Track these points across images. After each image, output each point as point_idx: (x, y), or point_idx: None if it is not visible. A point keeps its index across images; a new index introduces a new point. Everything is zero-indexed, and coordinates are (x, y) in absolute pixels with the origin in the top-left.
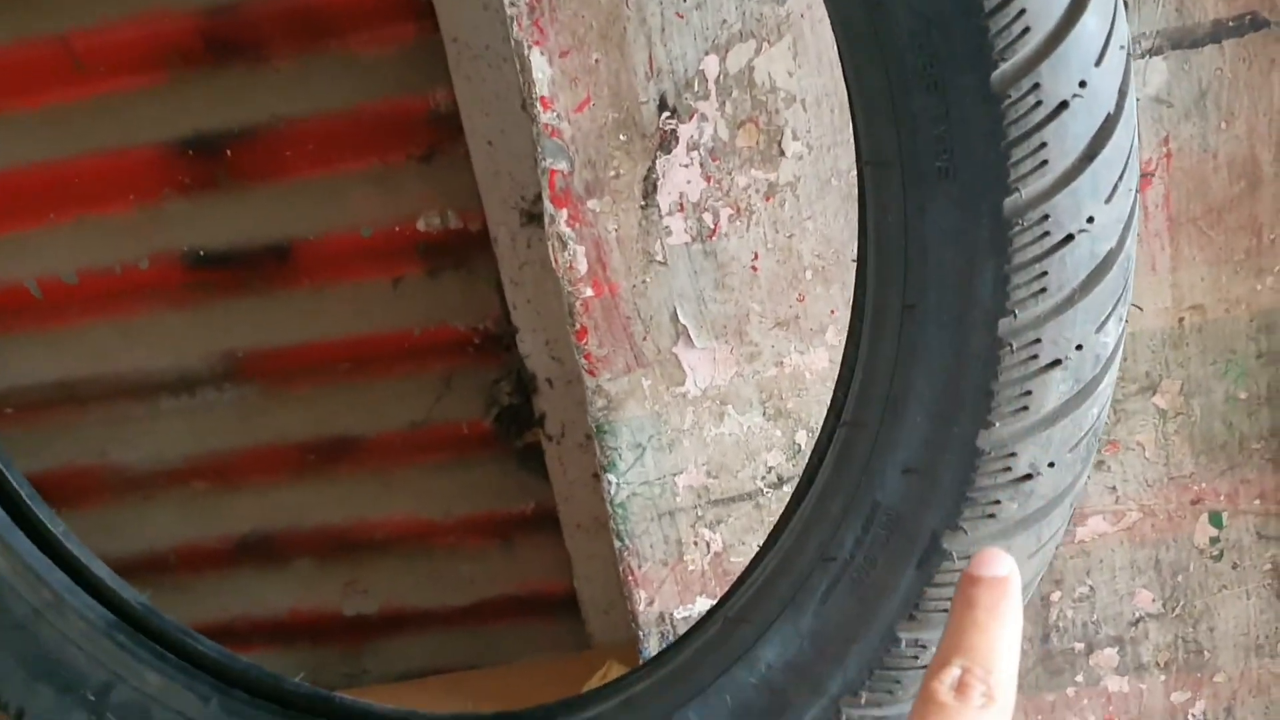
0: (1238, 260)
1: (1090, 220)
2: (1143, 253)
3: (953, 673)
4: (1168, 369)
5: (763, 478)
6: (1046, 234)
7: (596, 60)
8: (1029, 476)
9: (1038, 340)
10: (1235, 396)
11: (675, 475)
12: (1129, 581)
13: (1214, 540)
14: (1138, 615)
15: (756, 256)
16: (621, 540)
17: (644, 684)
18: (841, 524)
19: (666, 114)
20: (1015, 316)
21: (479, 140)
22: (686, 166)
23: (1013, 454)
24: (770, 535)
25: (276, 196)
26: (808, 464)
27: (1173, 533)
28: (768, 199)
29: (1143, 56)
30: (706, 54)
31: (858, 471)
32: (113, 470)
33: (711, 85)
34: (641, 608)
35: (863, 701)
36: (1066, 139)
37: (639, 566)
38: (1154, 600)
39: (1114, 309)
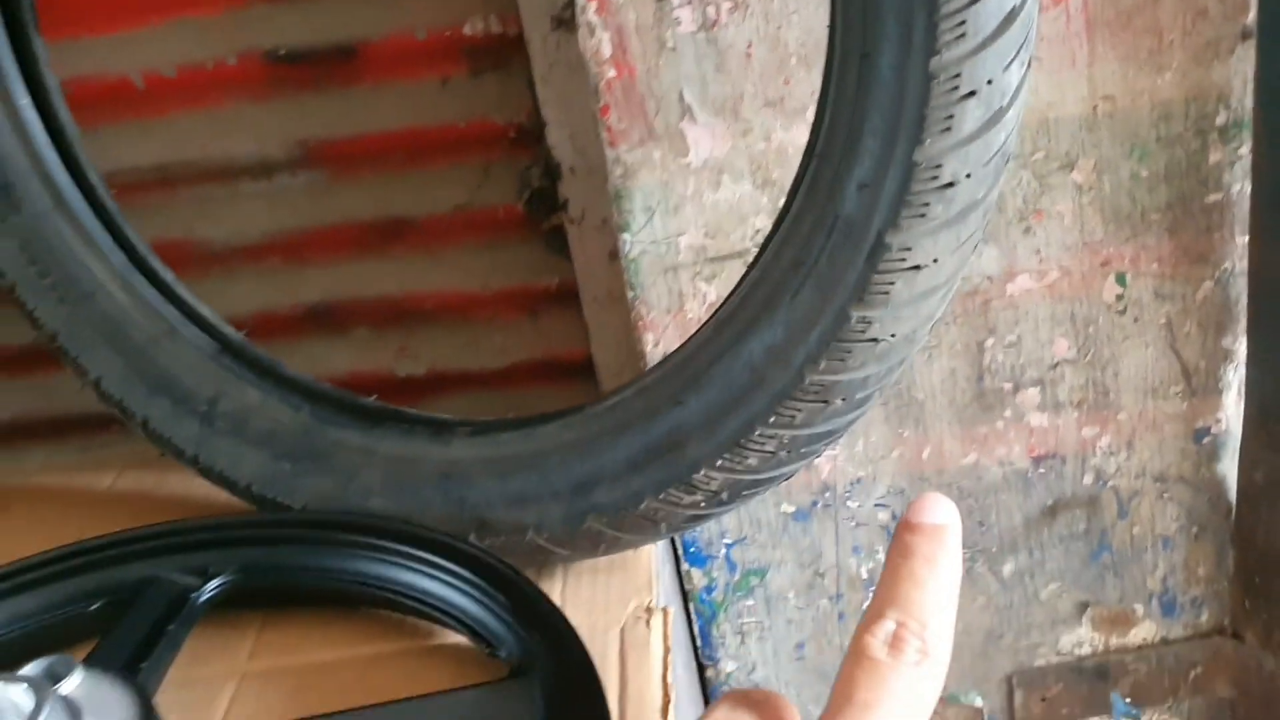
0: (1142, 58)
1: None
2: (1064, 50)
3: (886, 626)
4: (1084, 150)
5: (751, 238)
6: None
7: None
8: (951, 184)
9: (958, 75)
10: (1139, 174)
11: (679, 236)
12: (1049, 331)
13: (1119, 298)
14: (1056, 360)
15: (750, 45)
16: (634, 290)
17: (653, 376)
18: (809, 236)
19: None
20: (941, 56)
21: None
22: None
23: (939, 166)
24: (753, 260)
25: (346, 2)
26: (786, 199)
27: (1085, 290)
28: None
29: None
30: None
31: (824, 193)
32: (198, 245)
33: None
34: (649, 349)
35: (820, 368)
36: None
37: (648, 314)
38: (1069, 348)
39: (1018, 53)
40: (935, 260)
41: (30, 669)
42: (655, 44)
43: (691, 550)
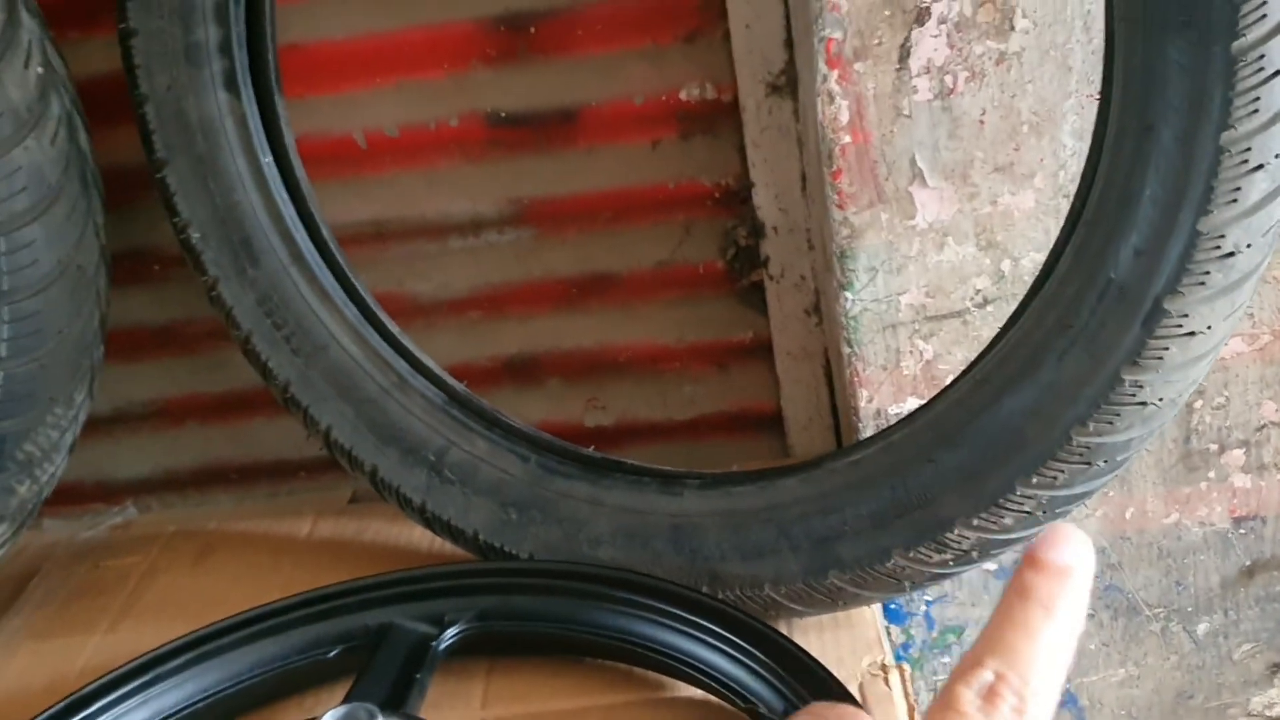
0: None
1: None
2: None
3: (984, 676)
4: None
5: (971, 299)
6: (1262, 69)
7: None
8: (1232, 254)
9: (1249, 149)
10: None
11: (900, 294)
12: (1258, 394)
13: None
14: (1263, 423)
15: (984, 112)
16: (851, 347)
17: (900, 433)
18: (1077, 299)
19: None
20: (1234, 130)
21: (740, 23)
22: (935, 37)
23: (1222, 235)
24: (1009, 319)
25: (568, 68)
26: (1045, 262)
27: None
28: (998, 65)
29: None
30: None
31: (1094, 257)
32: (406, 298)
33: None
34: (862, 404)
35: (1088, 430)
36: None
37: (864, 370)
38: (1277, 410)
39: None
40: (1209, 327)
41: (331, 717)
42: (891, 111)
43: (891, 607)
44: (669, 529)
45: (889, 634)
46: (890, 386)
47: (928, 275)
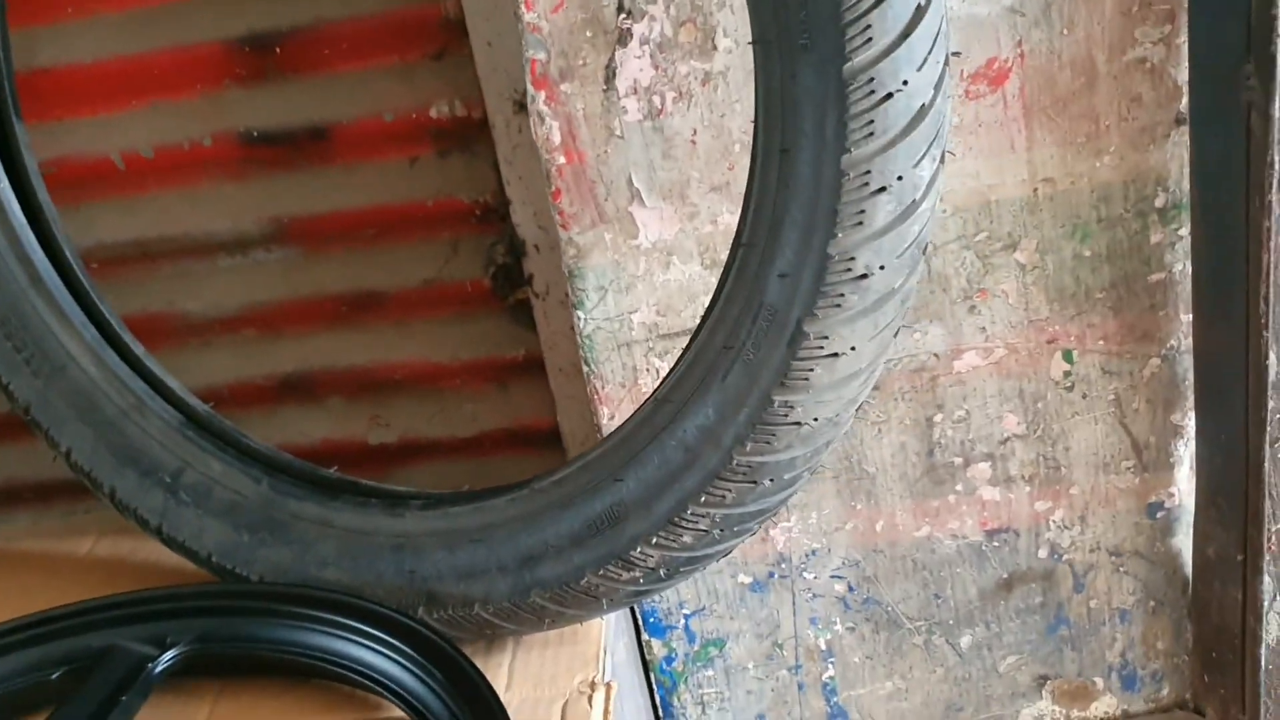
0: (1080, 143)
1: (905, 82)
2: (1003, 135)
3: None
4: (1025, 230)
5: (700, 316)
6: (873, 92)
7: None
8: (865, 275)
9: (868, 172)
10: (1081, 254)
11: (631, 313)
12: (998, 407)
13: (1067, 374)
14: (1006, 436)
15: (695, 132)
16: (589, 366)
17: (597, 453)
18: (738, 322)
19: (623, 15)
20: (851, 153)
21: (481, 41)
22: (639, 58)
23: (852, 258)
24: (693, 334)
25: (317, 86)
26: (719, 281)
27: (1033, 367)
28: (704, 85)
29: None
30: None
31: (750, 280)
32: (178, 318)
33: None
34: (605, 422)
35: (747, 449)
36: (887, 21)
37: (603, 388)
38: (1019, 423)
39: (928, 150)
40: (853, 348)
41: None
42: (604, 132)
43: (651, 621)
44: (391, 550)
45: (651, 647)
46: (630, 403)
47: (657, 294)
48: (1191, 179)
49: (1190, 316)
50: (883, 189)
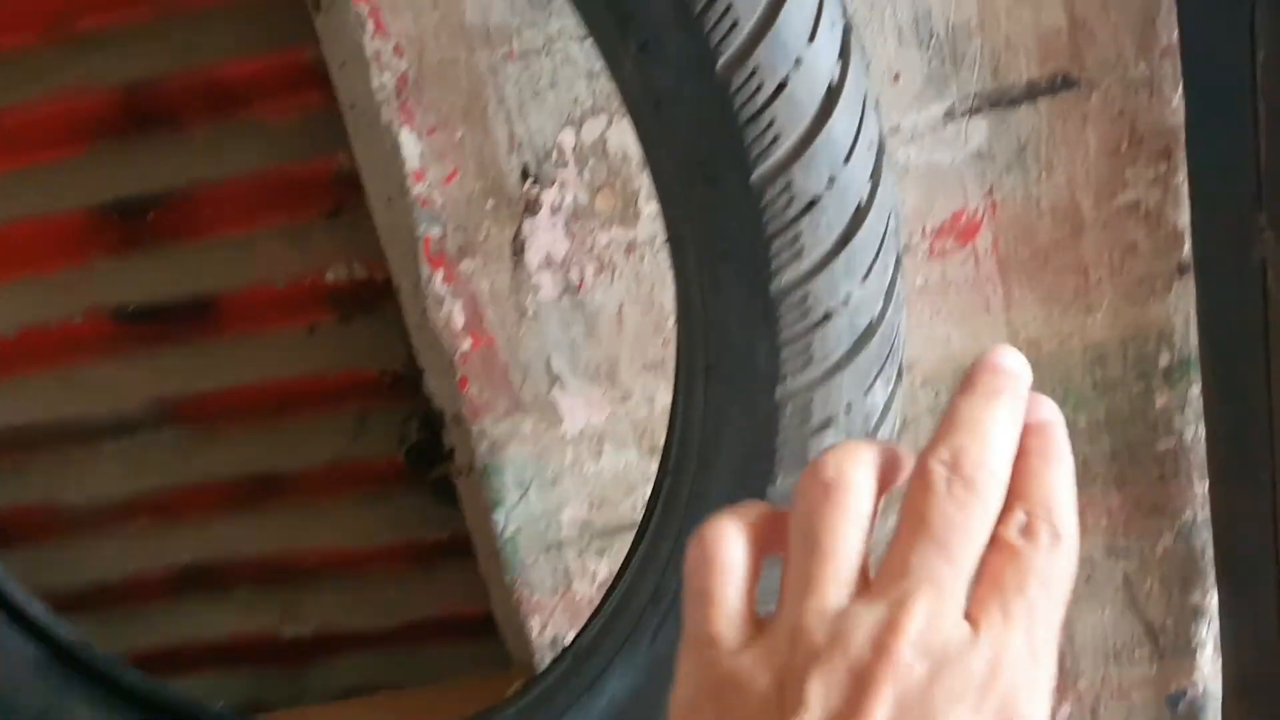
0: (1067, 299)
1: (847, 298)
2: (976, 295)
3: (1018, 518)
4: None
5: (642, 508)
6: (807, 312)
7: (461, 136)
8: None
9: (810, 403)
10: (1076, 423)
11: (559, 510)
12: None
13: None
14: None
15: (622, 307)
16: (513, 572)
17: (506, 714)
18: (668, 565)
19: (529, 181)
20: (787, 383)
21: (380, 198)
22: (551, 228)
23: None
24: (617, 573)
25: (196, 253)
26: (645, 507)
27: None
28: (628, 255)
29: (963, 116)
30: (563, 127)
31: (680, 517)
32: (60, 510)
33: (569, 155)
34: (535, 634)
35: None
36: (819, 229)
37: (531, 596)
38: None
39: (880, 372)
40: None
41: None
42: (514, 311)
43: None
44: None
45: None
46: (565, 612)
47: (588, 486)
48: (1200, 335)
49: (1206, 486)
50: (828, 423)
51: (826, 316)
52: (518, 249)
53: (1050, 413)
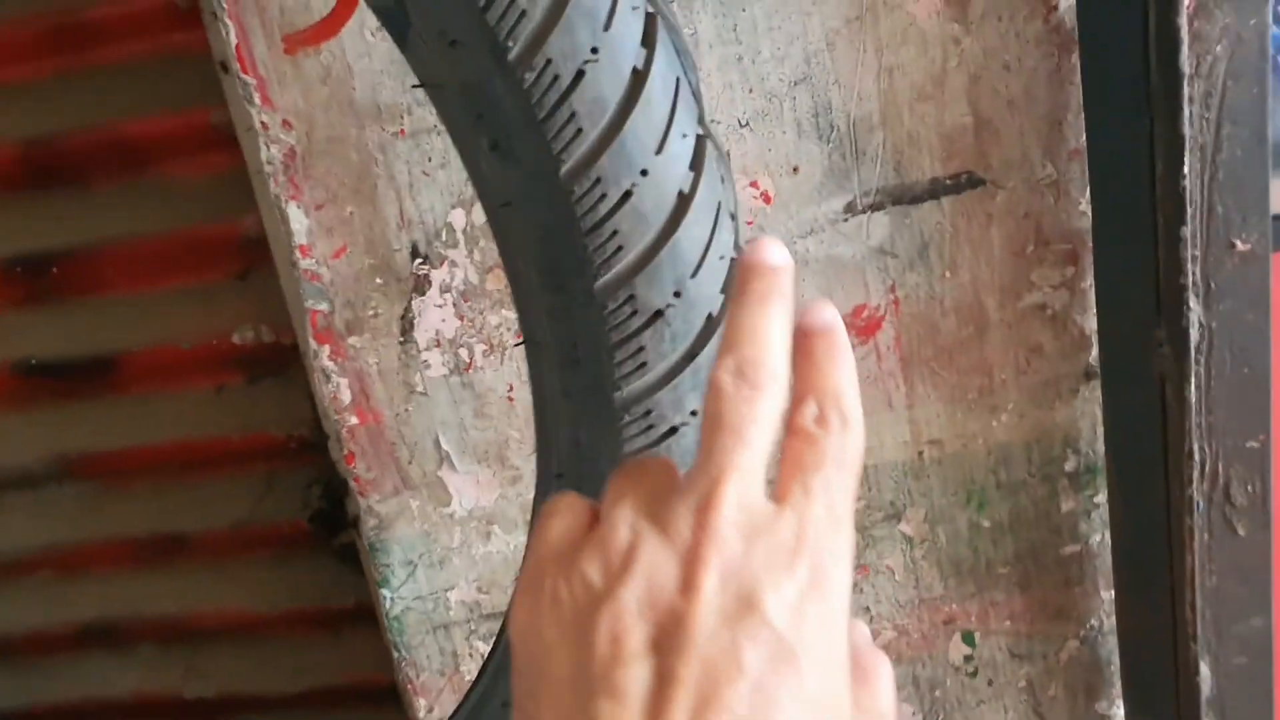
0: (972, 399)
1: (694, 413)
2: (878, 391)
3: (811, 409)
4: (911, 498)
5: None
6: (652, 426)
7: (350, 212)
8: None
9: None
10: (979, 524)
11: (447, 591)
12: None
13: (968, 658)
14: None
15: (512, 388)
16: (399, 651)
17: None
18: None
19: (419, 260)
20: None
21: (286, 262)
22: (441, 307)
23: None
24: (485, 657)
25: (101, 311)
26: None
27: (928, 650)
28: (519, 336)
29: (865, 211)
30: (453, 208)
31: None
32: None
33: (460, 235)
34: (422, 715)
35: None
36: (664, 342)
37: (417, 676)
38: (914, 714)
39: None
40: None
41: None
42: (403, 389)
43: None
44: None
45: None
46: (451, 693)
47: (477, 568)
48: (1106, 442)
49: (1112, 593)
50: None
51: (672, 430)
52: (407, 327)
53: (831, 315)
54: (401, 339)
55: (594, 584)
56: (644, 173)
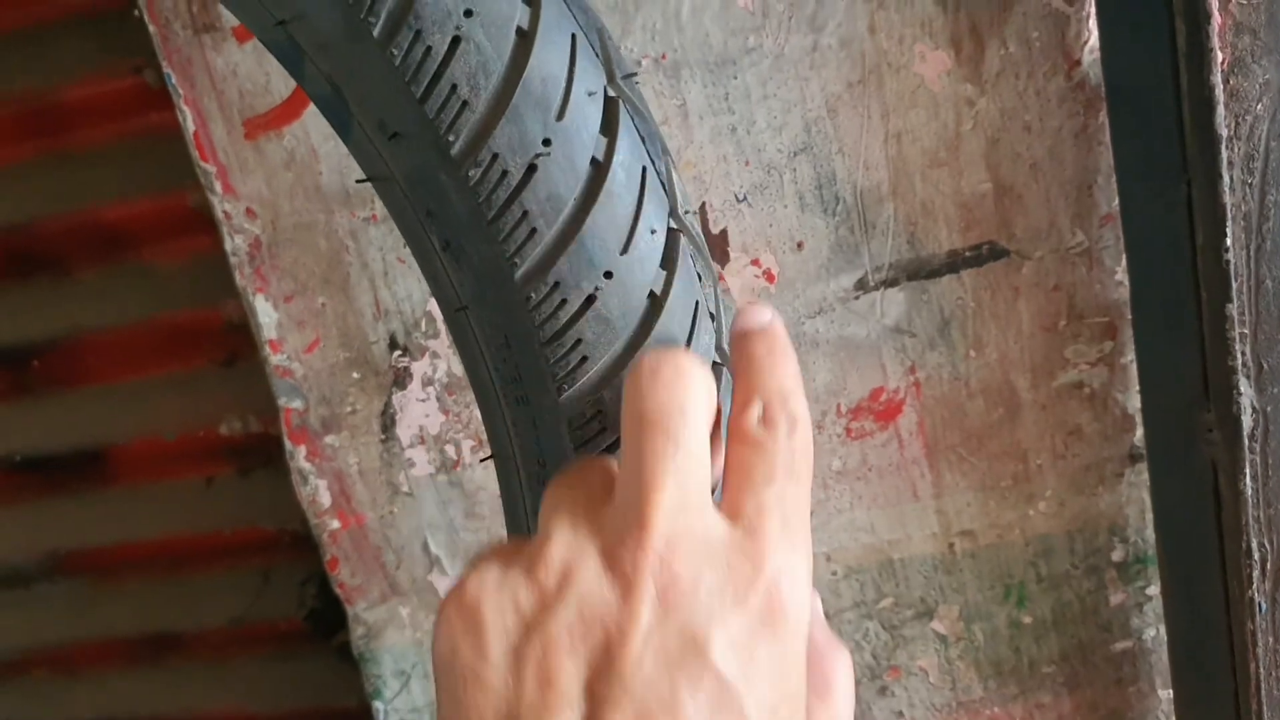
0: (1005, 486)
1: None
2: (902, 479)
3: (755, 410)
4: (943, 594)
5: None
6: None
7: (322, 303)
8: None
9: None
10: (1019, 621)
11: None
12: None
13: None
14: None
15: None
16: None
17: None
18: None
19: (398, 352)
20: None
21: (270, 350)
22: (424, 401)
23: None
24: None
25: (84, 402)
26: None
27: None
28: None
29: (878, 288)
30: (432, 295)
31: None
32: None
33: (440, 325)
34: None
35: None
36: None
37: None
38: None
39: None
40: None
41: None
42: (386, 489)
43: None
44: None
45: None
46: None
47: None
48: (1156, 530)
49: (1170, 692)
50: None
51: None
52: (388, 423)
53: (770, 315)
54: (383, 436)
55: (524, 609)
56: (608, 275)
